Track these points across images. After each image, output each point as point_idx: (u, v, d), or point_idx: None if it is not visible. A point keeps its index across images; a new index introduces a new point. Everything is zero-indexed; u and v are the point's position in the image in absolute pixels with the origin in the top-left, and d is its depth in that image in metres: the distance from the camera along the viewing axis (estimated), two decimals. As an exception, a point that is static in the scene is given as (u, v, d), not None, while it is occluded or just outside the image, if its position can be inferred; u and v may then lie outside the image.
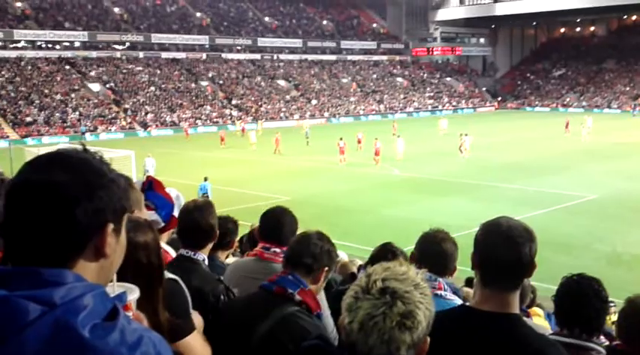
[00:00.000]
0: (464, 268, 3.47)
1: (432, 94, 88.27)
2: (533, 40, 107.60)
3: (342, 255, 10.63)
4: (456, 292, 3.38)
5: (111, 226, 1.37)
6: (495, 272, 2.39)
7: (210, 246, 3.70)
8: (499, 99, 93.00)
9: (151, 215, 3.30)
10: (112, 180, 1.39)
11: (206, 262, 3.59)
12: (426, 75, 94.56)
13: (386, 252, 4.54)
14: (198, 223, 3.56)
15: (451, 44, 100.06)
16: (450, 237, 3.55)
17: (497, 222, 2.43)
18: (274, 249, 3.71)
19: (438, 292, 3.27)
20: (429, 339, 1.71)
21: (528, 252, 2.35)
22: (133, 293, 1.78)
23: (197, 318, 2.86)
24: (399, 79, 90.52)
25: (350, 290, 1.70)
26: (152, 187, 3.49)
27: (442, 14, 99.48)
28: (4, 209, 1.35)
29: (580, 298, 3.16)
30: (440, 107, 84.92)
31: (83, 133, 53.48)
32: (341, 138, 37.86)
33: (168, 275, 2.48)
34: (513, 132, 49.39)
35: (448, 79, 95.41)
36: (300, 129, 53.28)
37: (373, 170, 34.75)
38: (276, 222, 3.82)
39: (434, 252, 3.46)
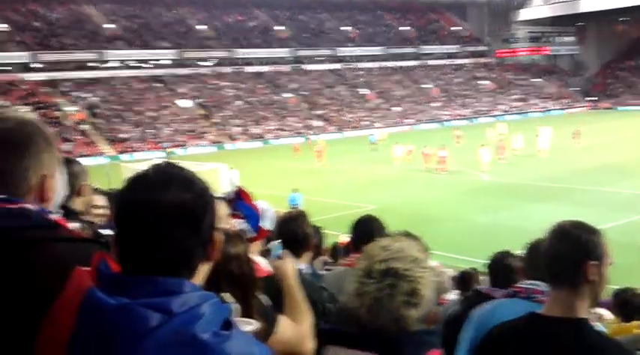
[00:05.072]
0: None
1: (519, 96, 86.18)
2: (624, 35, 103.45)
3: (433, 263, 10.28)
4: None
5: (217, 233, 1.49)
6: (552, 268, 2.36)
7: (308, 254, 3.80)
8: (590, 98, 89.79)
9: (240, 224, 3.46)
10: (211, 191, 1.50)
11: (305, 271, 3.68)
12: (512, 76, 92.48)
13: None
14: (294, 232, 3.68)
15: (537, 44, 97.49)
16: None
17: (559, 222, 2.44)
18: None
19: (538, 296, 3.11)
20: (440, 309, 1.75)
21: (585, 246, 2.28)
22: (251, 326, 1.84)
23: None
24: (484, 82, 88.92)
25: (353, 275, 1.76)
26: (240, 197, 3.66)
27: (525, 14, 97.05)
28: (122, 224, 1.45)
29: None
30: (528, 109, 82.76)
31: (165, 149, 54.93)
32: (425, 146, 37.46)
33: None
34: (607, 133, 47.60)
35: (536, 79, 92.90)
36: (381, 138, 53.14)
37: (460, 177, 34.24)
38: (366, 231, 3.91)
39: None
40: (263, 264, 3.64)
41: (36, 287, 1.51)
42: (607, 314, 7.66)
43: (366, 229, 4.00)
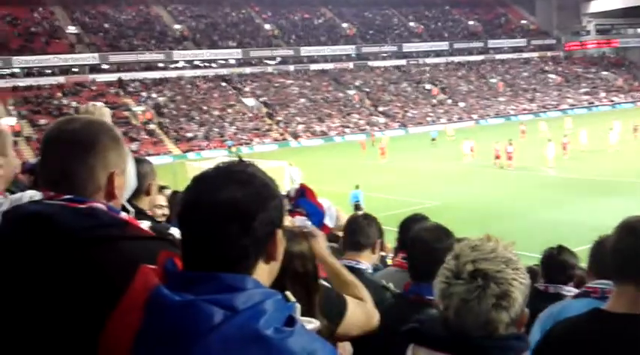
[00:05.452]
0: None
1: (587, 90, 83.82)
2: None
3: None
4: None
5: (280, 231, 1.51)
6: (618, 263, 2.29)
7: (370, 254, 3.77)
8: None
9: (302, 221, 3.38)
10: (274, 188, 1.53)
11: (369, 271, 3.67)
12: (580, 70, 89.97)
13: None
14: (361, 226, 3.71)
15: (606, 36, 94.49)
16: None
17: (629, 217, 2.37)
18: None
19: None
20: (527, 311, 1.70)
21: None
22: (312, 325, 1.87)
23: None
24: (552, 76, 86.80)
25: (440, 275, 1.72)
26: (304, 195, 3.70)
27: (595, 6, 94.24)
28: (183, 223, 1.49)
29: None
30: (596, 103, 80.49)
31: (230, 147, 55.48)
32: (497, 142, 36.88)
33: (322, 282, 2.58)
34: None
35: (604, 73, 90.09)
36: (444, 134, 52.48)
37: (526, 172, 33.70)
38: (410, 230, 3.77)
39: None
40: None
41: (106, 285, 1.55)
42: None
43: (409, 226, 3.98)
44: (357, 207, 25.02)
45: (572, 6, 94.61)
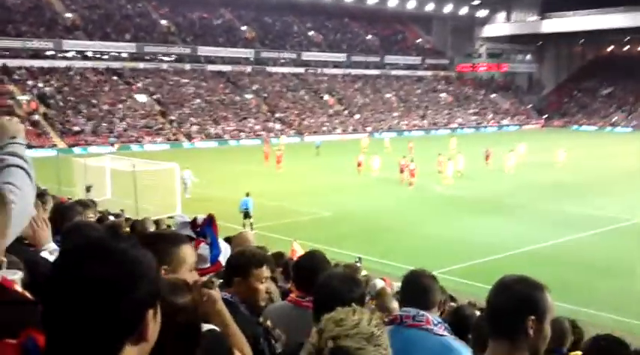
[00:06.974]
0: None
1: (476, 111, 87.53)
2: (581, 57, 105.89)
3: (380, 283, 9.09)
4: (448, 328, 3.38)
5: (151, 312, 1.39)
6: (493, 320, 2.43)
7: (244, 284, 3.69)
8: (545, 116, 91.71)
9: (204, 249, 3.47)
10: (148, 266, 1.40)
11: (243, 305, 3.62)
12: (470, 91, 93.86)
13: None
14: (238, 261, 3.63)
15: (496, 60, 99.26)
16: (429, 274, 3.60)
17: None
18: (310, 298, 3.65)
19: (426, 326, 3.27)
20: None
21: (526, 301, 2.34)
22: None
23: None
24: (443, 95, 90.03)
25: (304, 349, 1.68)
26: (211, 224, 3.64)
27: (488, 30, 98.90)
28: (45, 299, 1.37)
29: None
30: (484, 123, 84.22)
31: (112, 145, 53.68)
32: (404, 157, 37.38)
33: (206, 326, 2.55)
34: (558, 151, 48.53)
35: (493, 95, 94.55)
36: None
37: (416, 187, 34.43)
38: (311, 272, 3.76)
39: (416, 287, 3.48)
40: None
41: None
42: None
43: (308, 267, 3.89)
44: (246, 214, 24.65)
45: (466, 29, 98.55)
